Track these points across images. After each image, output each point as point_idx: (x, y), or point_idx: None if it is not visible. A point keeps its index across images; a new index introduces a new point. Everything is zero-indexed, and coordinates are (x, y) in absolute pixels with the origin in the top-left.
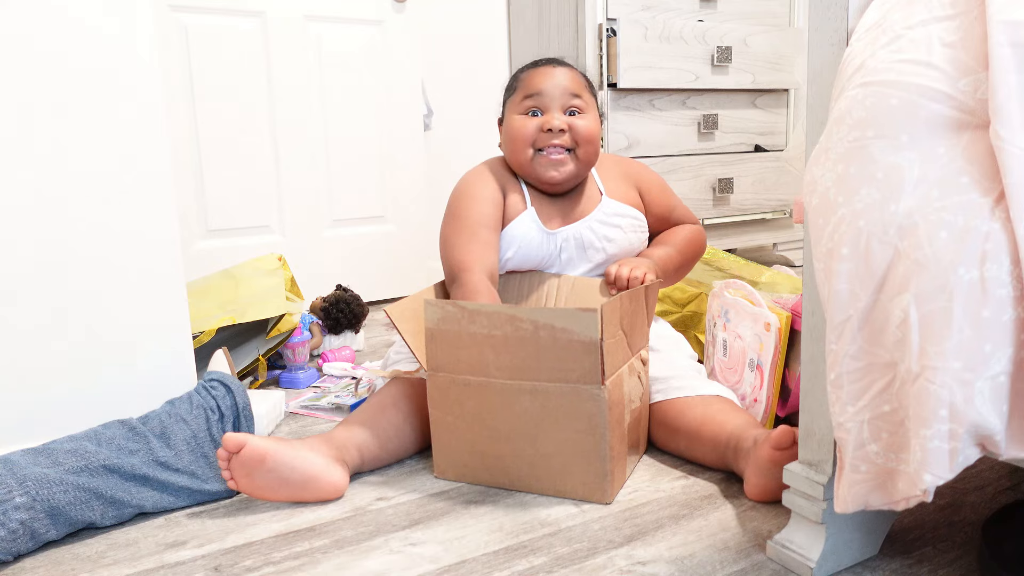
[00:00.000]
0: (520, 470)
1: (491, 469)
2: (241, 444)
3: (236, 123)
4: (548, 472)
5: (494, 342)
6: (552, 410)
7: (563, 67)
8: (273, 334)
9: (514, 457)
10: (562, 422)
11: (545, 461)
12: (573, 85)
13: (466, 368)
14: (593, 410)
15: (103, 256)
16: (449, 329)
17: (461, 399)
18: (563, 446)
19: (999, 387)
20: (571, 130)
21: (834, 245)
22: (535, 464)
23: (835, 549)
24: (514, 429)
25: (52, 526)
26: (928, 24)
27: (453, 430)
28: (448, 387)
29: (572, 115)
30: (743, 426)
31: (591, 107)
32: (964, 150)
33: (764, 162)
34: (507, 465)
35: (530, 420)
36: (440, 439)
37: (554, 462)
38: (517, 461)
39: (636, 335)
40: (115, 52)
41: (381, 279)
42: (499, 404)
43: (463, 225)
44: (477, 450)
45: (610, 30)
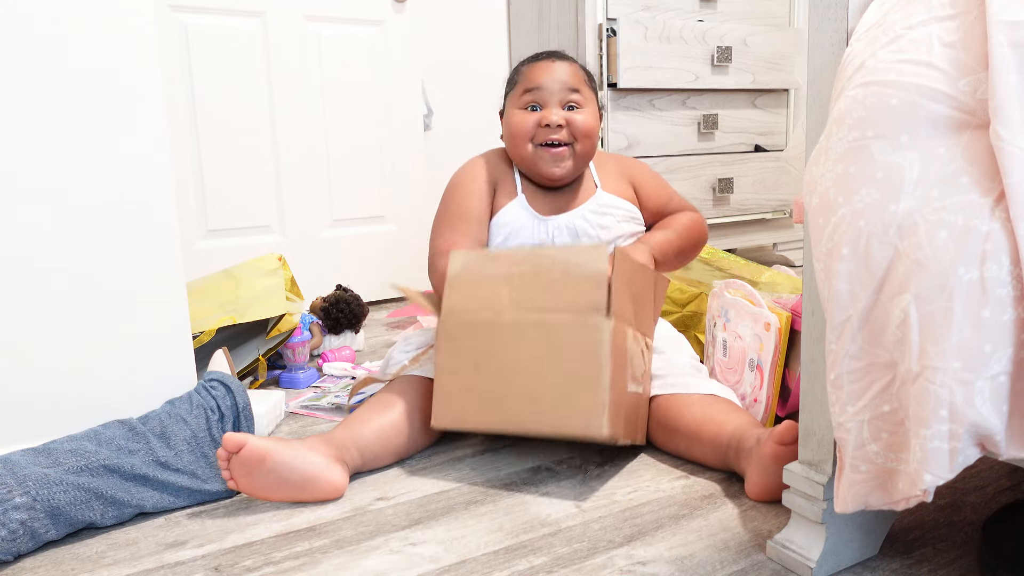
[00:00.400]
0: (521, 407)
1: (492, 410)
2: (241, 444)
3: (236, 123)
4: (549, 406)
5: (511, 280)
6: (557, 342)
7: (563, 61)
8: (273, 334)
9: (517, 394)
10: (566, 354)
11: (547, 395)
12: (572, 80)
13: (478, 308)
14: (596, 339)
15: (103, 256)
16: (469, 276)
17: (471, 342)
18: (565, 379)
19: (999, 387)
20: (569, 125)
21: (834, 245)
22: (536, 399)
23: (835, 549)
24: (519, 365)
25: (52, 526)
26: (928, 24)
27: (457, 374)
28: (458, 331)
29: (571, 110)
30: (744, 426)
31: (590, 101)
32: (964, 150)
33: (764, 162)
34: (508, 404)
35: (535, 354)
36: (443, 385)
37: (555, 396)
38: (519, 398)
39: (643, 315)
40: (115, 52)
41: (381, 279)
42: (507, 342)
43: (446, 216)
44: (480, 392)
45: (610, 30)
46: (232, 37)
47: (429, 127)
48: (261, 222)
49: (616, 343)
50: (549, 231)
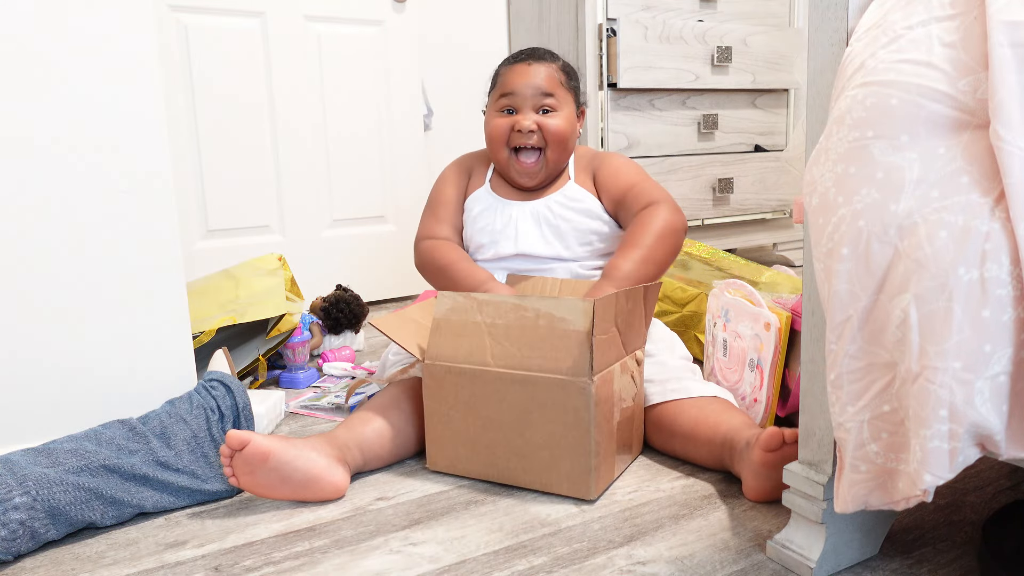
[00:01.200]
0: (509, 461)
1: (482, 460)
2: (244, 441)
3: (236, 123)
4: (535, 464)
5: (495, 331)
6: (541, 401)
7: (540, 63)
8: (273, 334)
9: (504, 447)
10: (550, 414)
11: (533, 453)
12: (546, 83)
13: (464, 357)
14: (580, 403)
15: (103, 256)
16: (455, 319)
17: (456, 388)
18: (551, 439)
19: (999, 387)
20: (541, 129)
21: (834, 245)
22: (524, 456)
23: (835, 549)
24: (504, 419)
25: (52, 526)
26: (928, 24)
27: (447, 420)
28: (444, 376)
29: (545, 113)
30: (737, 427)
31: (566, 103)
32: (964, 150)
33: (764, 162)
34: (497, 456)
35: (520, 410)
36: (434, 429)
37: (542, 455)
38: (507, 452)
39: (632, 334)
40: (115, 52)
41: (381, 279)
42: (491, 393)
43: (428, 204)
44: (469, 440)
45: (610, 30)
46: (232, 37)
47: (429, 127)
48: (261, 222)
49: (601, 398)
50: (511, 214)
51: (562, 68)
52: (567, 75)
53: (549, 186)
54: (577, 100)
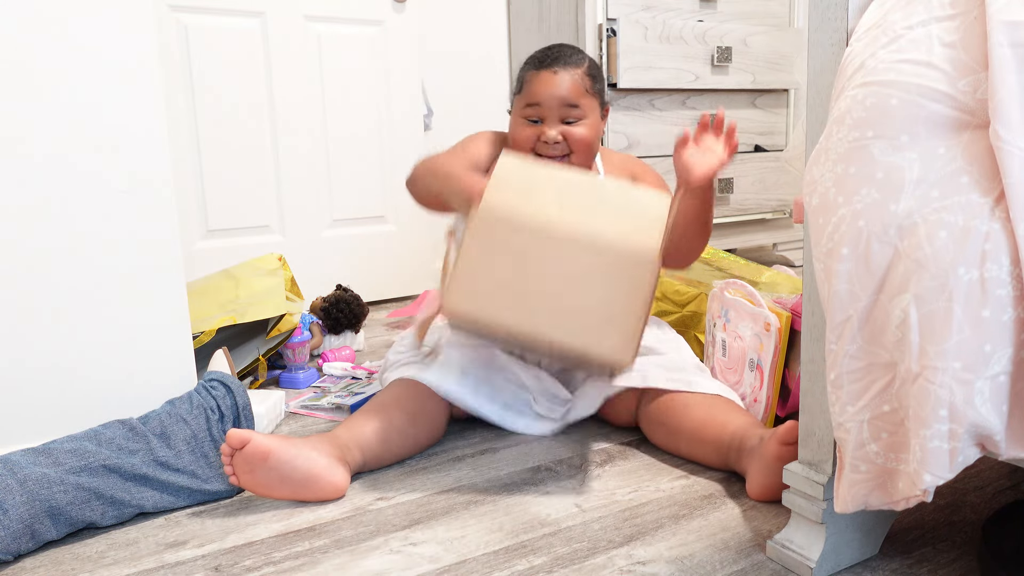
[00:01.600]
0: (547, 315)
1: (518, 309)
2: (245, 440)
3: (236, 123)
4: (578, 325)
5: (564, 193)
6: (603, 267)
7: (565, 71)
8: (273, 334)
9: (549, 302)
10: (610, 280)
11: (580, 313)
12: (571, 94)
13: (525, 211)
14: (643, 277)
15: (103, 256)
16: (519, 177)
17: (507, 239)
18: (603, 303)
19: (999, 387)
20: (567, 138)
21: (834, 245)
22: (569, 314)
23: (835, 549)
24: (558, 275)
25: (52, 526)
26: (928, 24)
27: (489, 265)
28: (497, 227)
29: (569, 123)
30: (746, 426)
31: (591, 109)
32: (964, 150)
33: (764, 162)
34: (537, 309)
35: (577, 271)
36: (465, 270)
37: (589, 317)
38: (551, 307)
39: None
40: (115, 52)
41: (381, 279)
42: (551, 250)
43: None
44: (508, 286)
45: (610, 30)
46: (232, 37)
47: (429, 127)
48: (261, 222)
49: (657, 274)
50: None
51: (588, 72)
52: (592, 79)
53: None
54: (602, 101)
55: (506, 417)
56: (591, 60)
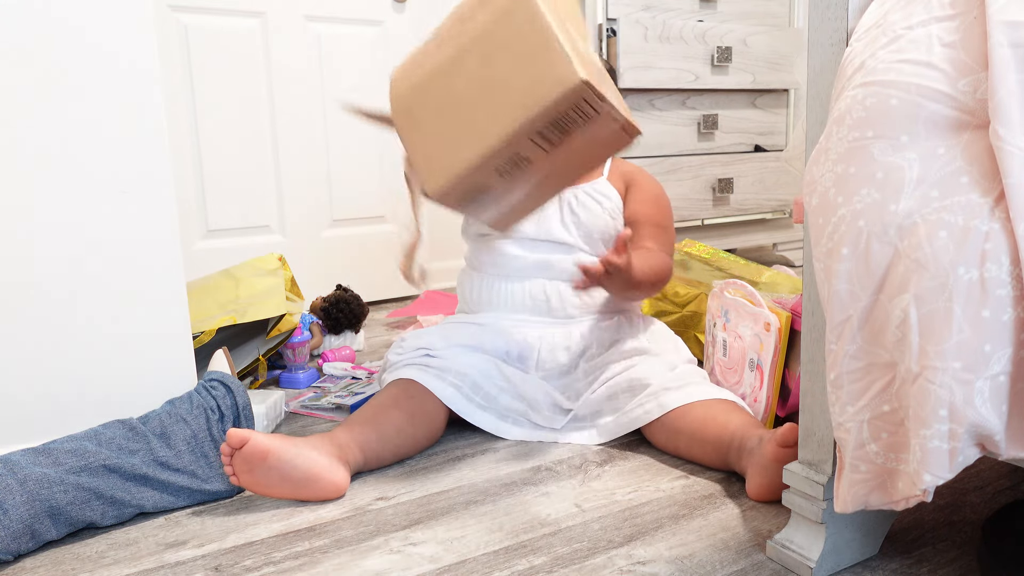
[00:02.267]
0: (497, 116)
1: (472, 138)
2: (244, 440)
3: (236, 123)
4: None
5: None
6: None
7: None
8: (273, 334)
9: (487, 109)
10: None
11: (513, 88)
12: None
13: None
14: (532, 11)
15: (103, 256)
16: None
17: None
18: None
19: (999, 387)
20: None
21: (834, 245)
22: (507, 99)
23: (835, 549)
24: (474, 81)
25: (52, 526)
26: (928, 24)
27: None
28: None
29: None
30: (746, 426)
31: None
32: (964, 150)
33: (764, 162)
34: (480, 120)
35: (483, 63)
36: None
37: (521, 81)
38: (491, 110)
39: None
40: (114, 52)
41: (381, 279)
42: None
43: None
44: (454, 132)
45: (610, 30)
46: (232, 37)
47: None
48: (261, 222)
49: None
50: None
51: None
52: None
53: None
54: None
55: (501, 427)
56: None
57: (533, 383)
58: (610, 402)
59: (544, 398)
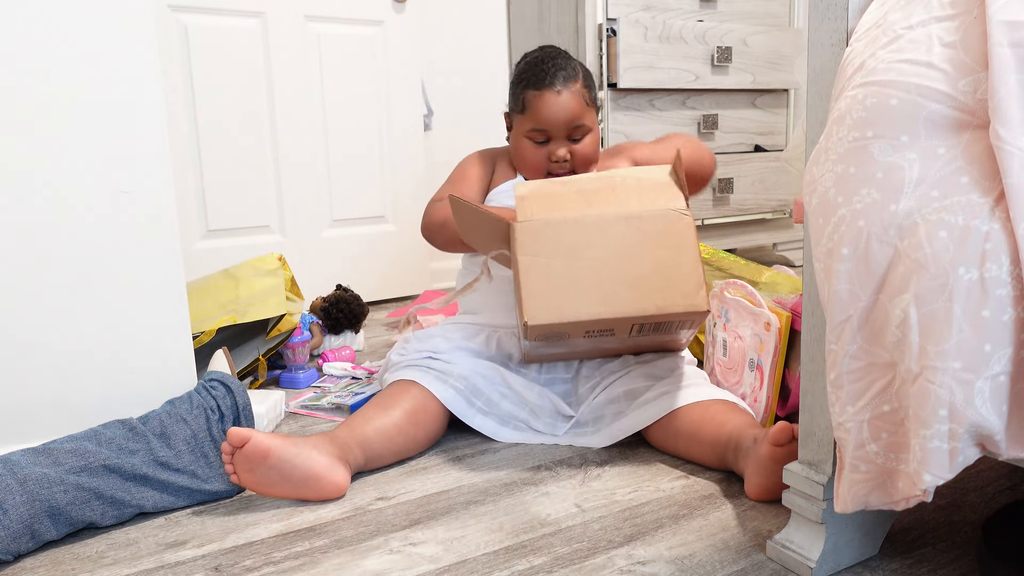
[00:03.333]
0: (620, 295)
1: (591, 300)
2: (245, 439)
3: (236, 123)
4: (647, 291)
5: (585, 194)
6: (647, 232)
7: (567, 89)
8: (273, 334)
9: (613, 282)
10: (657, 241)
11: (643, 281)
12: (576, 115)
13: (558, 212)
14: (684, 229)
15: (103, 256)
16: (541, 193)
17: (555, 238)
18: (660, 265)
19: (999, 387)
20: (573, 156)
21: (834, 245)
22: (634, 286)
23: (835, 549)
24: (610, 255)
25: (52, 526)
26: (928, 24)
27: (547, 271)
28: (542, 230)
29: (574, 141)
30: (742, 426)
31: (591, 121)
32: (964, 150)
33: (764, 162)
34: (606, 292)
35: (625, 245)
36: (532, 283)
37: (652, 281)
38: (616, 286)
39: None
40: (114, 52)
41: (381, 279)
42: (594, 235)
43: (449, 180)
44: (573, 283)
45: (610, 30)
46: (232, 37)
47: (429, 127)
48: (261, 222)
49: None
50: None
51: (584, 84)
52: (588, 88)
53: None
54: (596, 107)
55: (501, 432)
56: (583, 67)
57: (536, 390)
58: (611, 406)
59: (546, 405)
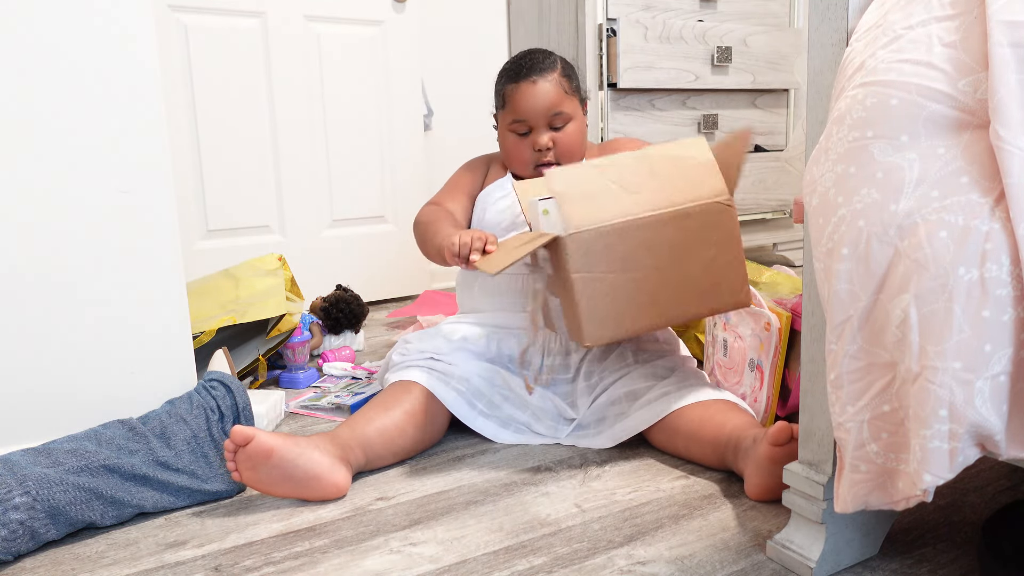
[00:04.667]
0: (673, 301)
1: (649, 313)
2: (249, 438)
3: (236, 123)
4: (699, 293)
5: (625, 182)
6: (694, 231)
7: (543, 78)
8: (273, 334)
9: (667, 290)
10: (705, 239)
11: (695, 282)
12: (554, 102)
13: (608, 216)
14: (729, 221)
15: (103, 256)
16: (579, 189)
17: (608, 250)
18: (709, 263)
19: (999, 387)
20: (555, 145)
21: (834, 245)
22: (686, 288)
23: (835, 549)
24: (662, 261)
25: (52, 526)
26: (928, 24)
27: (603, 288)
28: (593, 242)
29: (557, 129)
30: (742, 426)
31: (574, 109)
32: (964, 150)
33: (764, 162)
34: (661, 302)
35: (676, 247)
36: (588, 301)
37: (703, 281)
38: (670, 293)
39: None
40: (114, 52)
41: (381, 279)
42: (646, 240)
43: (443, 186)
44: (630, 297)
45: (610, 30)
46: (232, 37)
47: (429, 127)
48: (261, 222)
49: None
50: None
51: (563, 73)
52: (568, 78)
53: None
54: (581, 97)
55: (501, 434)
56: (562, 60)
57: (537, 393)
58: (612, 408)
59: (548, 407)
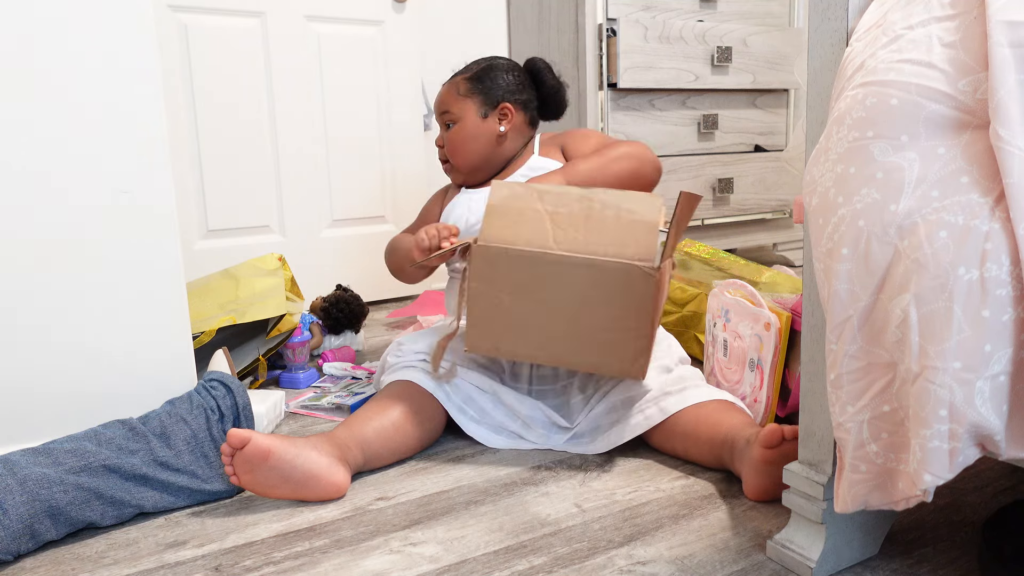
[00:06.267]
0: (561, 344)
1: (531, 343)
2: (245, 440)
3: (236, 123)
4: (590, 347)
5: (558, 218)
6: (605, 285)
7: (448, 83)
8: (273, 334)
9: (558, 330)
10: (614, 298)
11: (590, 336)
12: (442, 102)
13: (524, 241)
14: (645, 289)
15: (103, 256)
16: (514, 205)
17: (510, 271)
18: (611, 323)
19: (999, 387)
20: (445, 143)
21: (834, 245)
22: (579, 339)
23: (835, 549)
24: (562, 303)
25: (52, 526)
26: (928, 24)
27: (495, 303)
28: (498, 258)
29: (449, 128)
30: (738, 426)
31: (464, 110)
32: (964, 150)
33: (764, 162)
34: (548, 339)
35: (580, 294)
36: (478, 311)
37: (599, 338)
38: (560, 335)
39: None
40: (114, 52)
41: (381, 279)
42: (551, 276)
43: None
44: (519, 322)
45: (610, 30)
46: (232, 37)
47: (429, 127)
48: (261, 222)
49: (661, 285)
50: (480, 198)
51: (470, 77)
52: (471, 82)
53: (511, 165)
54: (490, 100)
55: (493, 439)
56: (489, 65)
57: (527, 403)
58: (609, 415)
59: (538, 416)
